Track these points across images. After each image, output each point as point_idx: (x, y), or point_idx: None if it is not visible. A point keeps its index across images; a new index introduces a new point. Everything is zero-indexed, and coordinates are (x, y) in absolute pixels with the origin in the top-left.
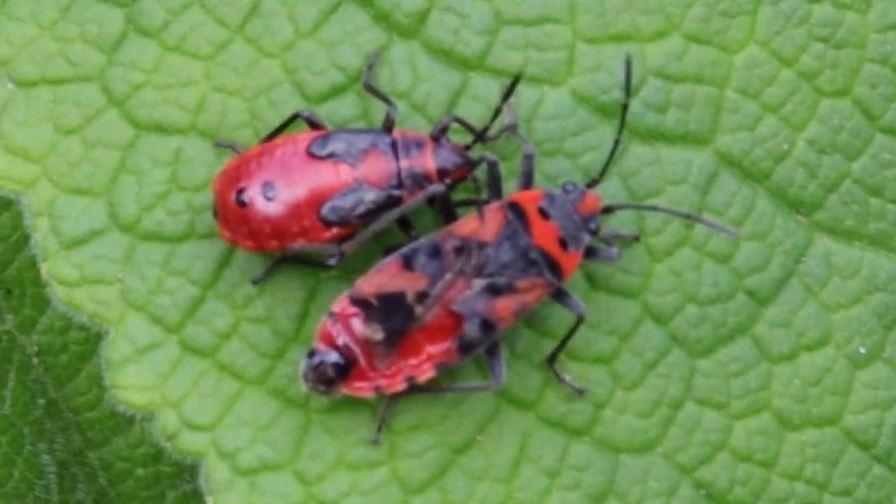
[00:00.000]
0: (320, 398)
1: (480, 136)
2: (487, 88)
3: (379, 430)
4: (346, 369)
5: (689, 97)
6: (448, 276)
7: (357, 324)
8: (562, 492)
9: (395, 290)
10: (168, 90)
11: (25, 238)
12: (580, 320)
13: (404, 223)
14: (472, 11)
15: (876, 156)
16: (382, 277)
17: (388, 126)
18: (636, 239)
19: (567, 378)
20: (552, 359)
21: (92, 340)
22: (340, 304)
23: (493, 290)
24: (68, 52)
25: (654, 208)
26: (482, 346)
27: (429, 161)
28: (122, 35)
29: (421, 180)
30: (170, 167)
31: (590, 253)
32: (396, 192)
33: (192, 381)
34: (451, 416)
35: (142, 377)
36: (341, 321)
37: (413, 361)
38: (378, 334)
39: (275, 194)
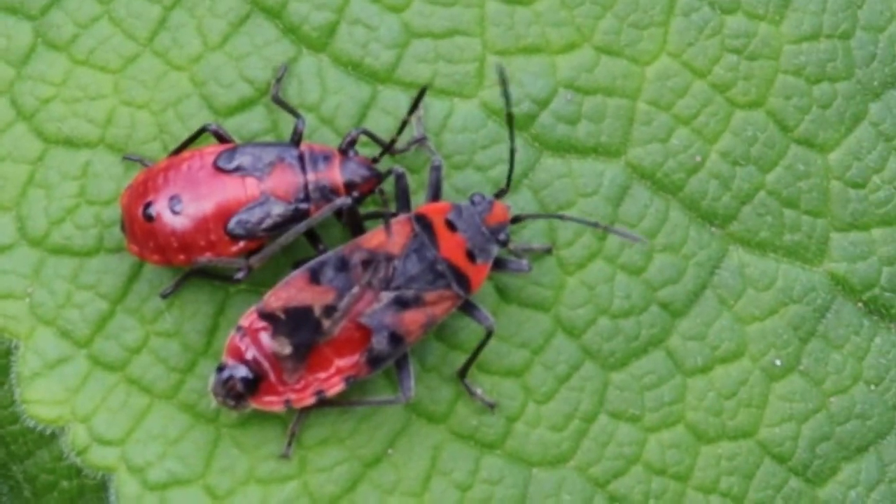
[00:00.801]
0: (230, 413)
1: (389, 149)
2: (397, 101)
3: (289, 444)
4: (255, 384)
5: (601, 109)
6: (355, 290)
7: (265, 338)
8: None
9: (303, 304)
10: (77, 104)
11: None
12: (489, 334)
13: (312, 237)
14: (380, 24)
15: (790, 167)
16: (290, 291)
17: (295, 139)
18: (548, 251)
19: (478, 392)
20: (463, 372)
21: (10, 353)
22: (248, 318)
23: (401, 303)
24: None
25: (562, 217)
26: (391, 359)
27: (336, 174)
28: (31, 48)
29: (328, 193)
30: (78, 181)
31: (500, 265)
32: (303, 206)
33: (102, 395)
34: (361, 430)
35: (51, 391)
36: (249, 335)
37: (322, 375)
38: (286, 348)
39: (181, 208)
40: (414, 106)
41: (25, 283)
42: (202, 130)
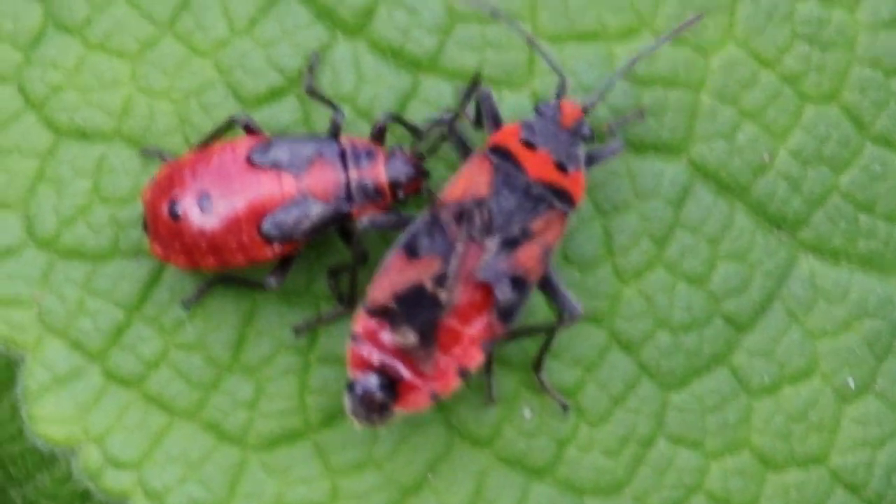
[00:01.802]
0: (369, 425)
1: (421, 137)
2: (440, 91)
3: (303, 331)
4: (393, 388)
5: (661, 102)
6: (459, 248)
7: (385, 335)
8: None
9: (410, 285)
10: (91, 92)
11: None
12: (573, 320)
13: (349, 238)
14: (423, 7)
15: (866, 168)
16: (391, 276)
17: (334, 133)
18: (641, 115)
19: (551, 388)
20: (538, 365)
21: (14, 367)
22: (359, 321)
23: (510, 244)
24: None
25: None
26: (521, 306)
27: (380, 172)
28: (41, 31)
29: (372, 193)
30: (92, 177)
31: (591, 160)
32: (345, 207)
33: (117, 413)
34: (399, 453)
35: (61, 408)
36: (368, 339)
37: (457, 351)
38: (411, 337)
39: (211, 206)
40: (468, 95)
41: (33, 289)
42: (229, 122)
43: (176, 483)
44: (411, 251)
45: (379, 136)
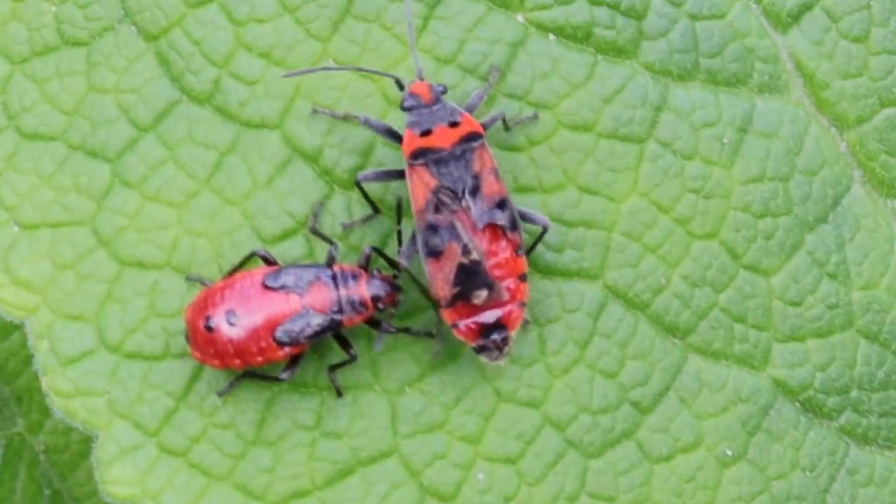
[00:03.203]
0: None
1: (396, 266)
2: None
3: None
4: (500, 325)
5: (582, 239)
6: (457, 224)
7: (468, 307)
8: None
9: (455, 268)
10: (147, 232)
11: (31, 355)
12: (545, 230)
13: (343, 341)
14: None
15: (739, 289)
16: (439, 276)
17: (329, 262)
18: (535, 117)
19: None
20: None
21: (89, 440)
22: (447, 315)
23: (476, 190)
24: (63, 200)
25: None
26: (515, 213)
27: (364, 290)
28: (109, 186)
29: (357, 306)
30: (148, 297)
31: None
32: (337, 317)
33: (168, 477)
34: None
35: (126, 474)
36: (461, 317)
37: (508, 270)
38: (483, 294)
39: (236, 320)
40: (398, 218)
41: (104, 383)
42: (252, 255)
43: None
44: (434, 253)
45: (365, 263)
